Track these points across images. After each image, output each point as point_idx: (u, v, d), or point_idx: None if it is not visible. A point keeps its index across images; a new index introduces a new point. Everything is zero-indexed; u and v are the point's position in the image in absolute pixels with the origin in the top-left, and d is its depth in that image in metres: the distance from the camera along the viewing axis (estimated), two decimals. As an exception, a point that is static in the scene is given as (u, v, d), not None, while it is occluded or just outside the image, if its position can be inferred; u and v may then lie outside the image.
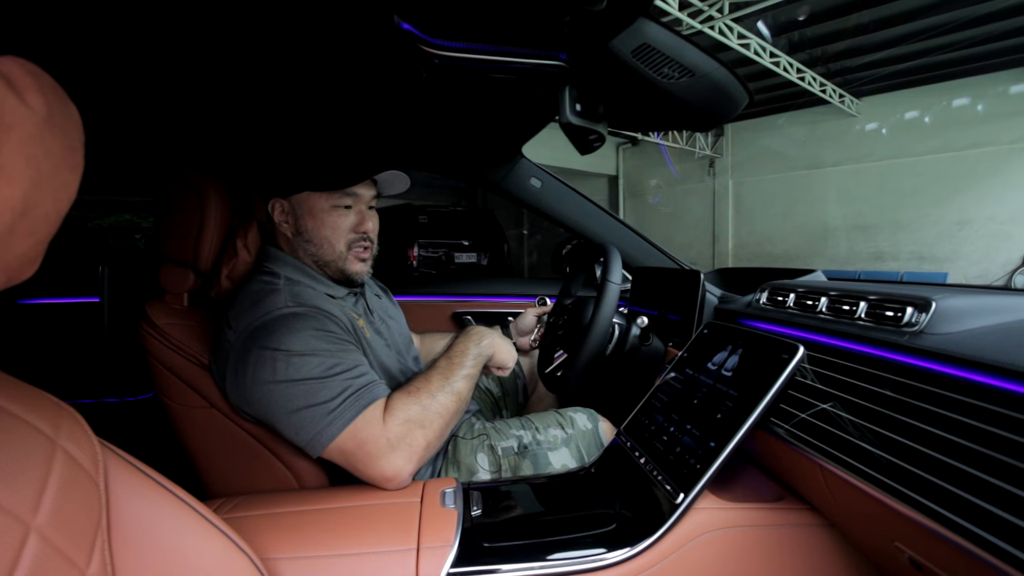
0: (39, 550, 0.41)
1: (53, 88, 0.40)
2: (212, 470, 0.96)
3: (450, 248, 6.99)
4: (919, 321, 0.68)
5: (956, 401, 0.55)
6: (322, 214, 1.00)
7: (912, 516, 0.53)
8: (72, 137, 0.41)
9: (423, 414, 0.87)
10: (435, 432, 0.87)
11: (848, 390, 0.68)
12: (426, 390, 0.90)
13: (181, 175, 0.99)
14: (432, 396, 0.89)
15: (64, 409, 0.51)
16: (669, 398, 0.95)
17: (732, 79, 0.68)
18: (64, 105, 0.41)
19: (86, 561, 0.46)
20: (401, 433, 0.83)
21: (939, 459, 0.53)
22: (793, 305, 0.91)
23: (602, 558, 0.71)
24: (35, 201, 0.37)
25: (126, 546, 0.51)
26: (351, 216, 1.02)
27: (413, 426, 0.85)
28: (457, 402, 0.92)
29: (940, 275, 7.55)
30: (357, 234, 1.03)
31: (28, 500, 0.42)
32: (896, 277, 7.51)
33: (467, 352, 1.00)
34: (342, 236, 1.01)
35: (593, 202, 1.61)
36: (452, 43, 0.69)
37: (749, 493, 0.81)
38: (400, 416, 0.85)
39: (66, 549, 0.44)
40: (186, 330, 0.97)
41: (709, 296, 1.19)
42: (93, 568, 0.46)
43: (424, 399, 0.88)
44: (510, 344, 1.10)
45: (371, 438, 0.81)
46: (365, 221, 1.04)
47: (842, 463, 0.62)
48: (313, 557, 0.67)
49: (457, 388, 0.93)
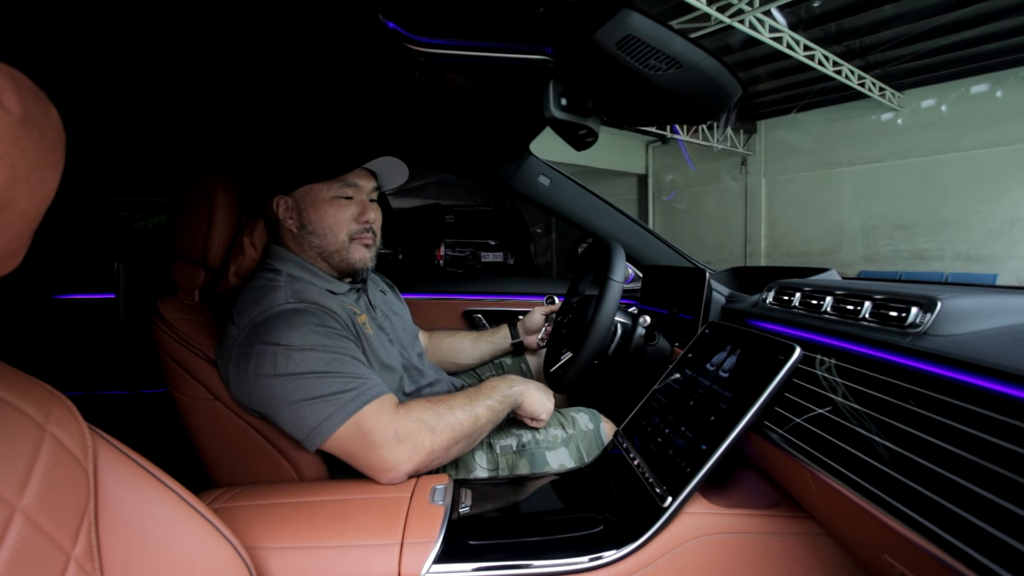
0: (24, 530, 0.43)
1: (31, 90, 0.41)
2: (216, 461, 0.99)
3: (476, 248, 7.03)
4: (923, 322, 0.64)
5: (953, 406, 0.52)
6: (324, 205, 1.03)
7: (901, 531, 0.50)
8: (50, 137, 0.43)
9: (436, 420, 0.88)
10: (441, 441, 0.87)
11: (845, 394, 0.65)
12: (446, 403, 0.92)
13: (191, 174, 1.03)
14: (450, 409, 0.91)
15: (55, 396, 0.53)
16: (667, 399, 0.93)
17: (722, 70, 0.66)
18: (42, 106, 0.42)
19: (71, 543, 0.48)
20: (410, 430, 0.85)
21: (932, 470, 0.50)
22: (798, 305, 0.88)
23: (587, 560, 0.69)
24: (10, 198, 0.39)
25: (112, 530, 0.52)
26: (352, 207, 1.05)
27: (423, 427, 0.86)
28: (473, 424, 0.92)
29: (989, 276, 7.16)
30: (359, 224, 1.05)
31: (14, 483, 0.44)
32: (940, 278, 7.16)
33: (496, 389, 1.00)
34: (344, 226, 1.04)
35: (604, 200, 1.59)
36: (436, 40, 0.69)
37: (744, 498, 0.78)
38: (414, 414, 0.87)
39: (51, 531, 0.46)
40: (195, 325, 1.00)
41: (716, 295, 1.16)
42: (78, 550, 0.48)
43: (441, 409, 0.90)
44: (546, 396, 1.08)
45: (378, 428, 0.83)
46: (367, 211, 1.06)
47: (833, 471, 0.59)
48: (298, 548, 0.69)
49: (476, 412, 0.93)
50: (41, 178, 0.42)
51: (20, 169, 0.39)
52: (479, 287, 1.82)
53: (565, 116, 0.73)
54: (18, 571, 0.42)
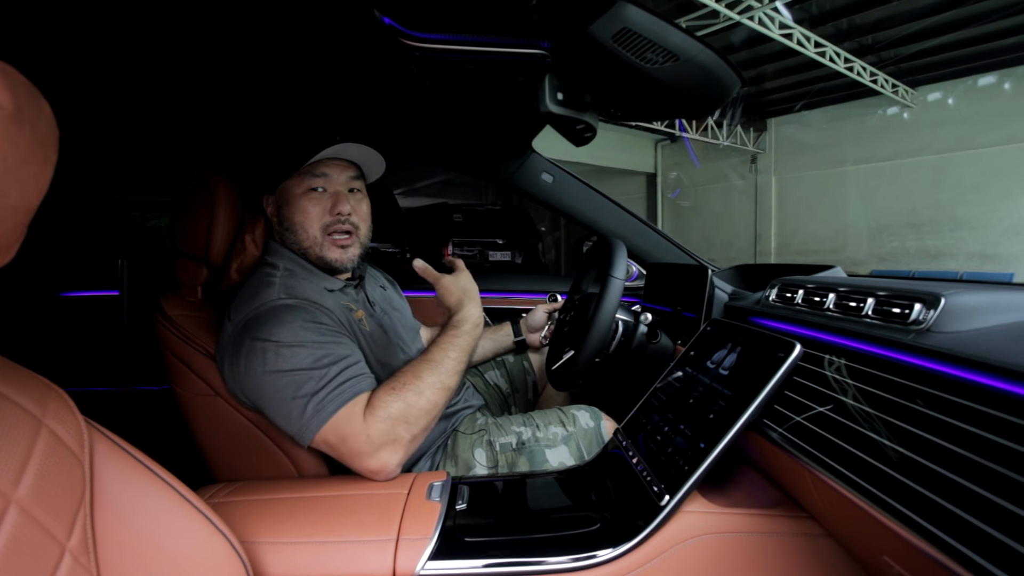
0: (18, 521, 0.44)
1: (23, 85, 0.42)
2: (218, 457, 1.00)
3: (484, 247, 7.04)
4: (926, 318, 0.63)
5: (954, 404, 0.51)
6: (295, 199, 1.02)
7: (900, 532, 0.49)
8: (42, 132, 0.43)
9: (406, 411, 0.84)
10: (419, 426, 0.86)
11: (847, 391, 0.64)
12: (412, 386, 0.87)
13: (193, 172, 1.03)
14: (419, 393, 0.87)
15: (52, 390, 0.54)
16: (667, 397, 0.92)
17: (720, 62, 0.65)
18: (34, 101, 0.43)
19: (66, 535, 0.48)
20: (382, 430, 0.82)
21: (932, 469, 0.49)
22: (801, 302, 0.87)
23: (583, 558, 0.69)
24: (1, 192, 0.39)
25: (107, 523, 0.53)
26: (324, 199, 1.02)
27: (396, 422, 0.83)
28: (446, 395, 0.90)
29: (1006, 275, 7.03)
30: (332, 217, 1.02)
31: (9, 474, 0.45)
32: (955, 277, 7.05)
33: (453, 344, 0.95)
34: (315, 220, 1.01)
35: (608, 197, 1.58)
36: (431, 35, 0.69)
37: (744, 498, 0.77)
38: (381, 414, 0.83)
39: (46, 522, 0.46)
40: (196, 321, 1.01)
41: (719, 293, 1.15)
42: (73, 542, 0.49)
43: (409, 395, 0.86)
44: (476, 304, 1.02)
45: (351, 435, 0.81)
46: (339, 203, 1.02)
47: (831, 470, 0.58)
48: (293, 543, 0.69)
49: (445, 383, 0.90)
50: (33, 172, 0.42)
51: (11, 163, 0.39)
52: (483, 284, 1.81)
53: (561, 111, 0.72)
54: (13, 562, 0.42)
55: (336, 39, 0.89)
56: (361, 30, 0.83)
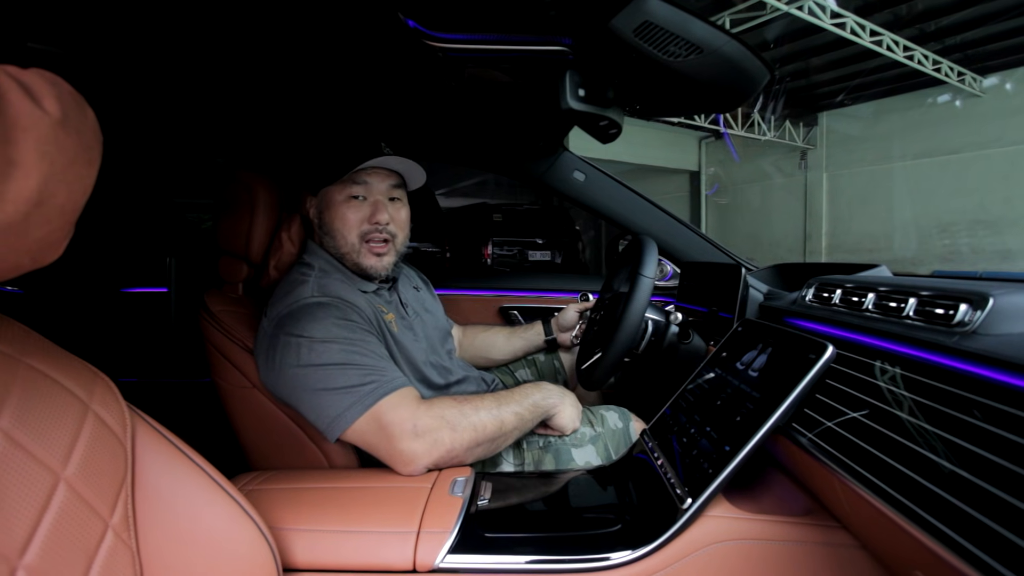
0: (66, 497, 0.48)
1: (71, 94, 0.45)
2: (254, 447, 1.04)
3: (524, 246, 7.03)
4: (973, 320, 0.59)
5: (1000, 412, 0.47)
6: (336, 206, 1.04)
7: (932, 547, 0.46)
8: (87, 137, 0.46)
9: (459, 419, 0.87)
10: (462, 441, 0.86)
11: (883, 396, 0.61)
12: (472, 403, 0.90)
13: (235, 174, 1.09)
14: (475, 410, 0.89)
15: (99, 377, 0.58)
16: (695, 398, 0.90)
17: (747, 53, 0.63)
18: (80, 109, 0.46)
19: (109, 512, 0.52)
20: (430, 425, 0.84)
21: (972, 482, 0.46)
22: (839, 302, 0.83)
23: (602, 558, 0.68)
24: (50, 193, 0.43)
25: (146, 503, 0.56)
26: (364, 207, 1.05)
27: (444, 424, 0.85)
28: (498, 428, 0.90)
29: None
30: (371, 225, 1.04)
31: (59, 454, 0.48)
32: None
33: (527, 396, 0.98)
34: (354, 228, 1.04)
35: (642, 195, 1.55)
36: (454, 35, 0.70)
37: (773, 504, 0.75)
38: (436, 411, 0.86)
39: (91, 499, 0.50)
40: (236, 316, 1.06)
41: (753, 292, 1.11)
42: (115, 519, 0.52)
43: (466, 409, 0.89)
44: (577, 412, 1.05)
45: (396, 421, 0.84)
46: (378, 212, 1.04)
47: (861, 479, 0.55)
48: (319, 531, 0.71)
49: (502, 417, 0.91)
50: (78, 174, 0.45)
51: (59, 166, 0.43)
52: (516, 283, 1.82)
53: (583, 107, 0.72)
54: (61, 534, 0.46)
55: (366, 43, 0.91)
56: (390, 34, 0.86)
